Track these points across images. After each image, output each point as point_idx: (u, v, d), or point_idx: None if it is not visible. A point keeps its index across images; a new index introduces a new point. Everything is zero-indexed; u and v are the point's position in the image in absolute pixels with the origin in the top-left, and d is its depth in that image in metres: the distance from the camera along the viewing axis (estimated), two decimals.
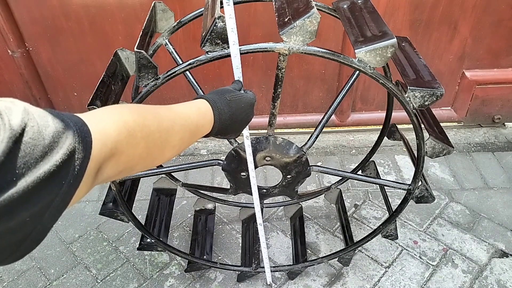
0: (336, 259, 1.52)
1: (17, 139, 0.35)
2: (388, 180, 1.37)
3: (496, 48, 2.05)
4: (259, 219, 1.33)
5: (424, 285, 1.53)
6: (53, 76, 2.03)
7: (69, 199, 0.41)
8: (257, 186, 1.30)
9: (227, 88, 0.86)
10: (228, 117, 0.79)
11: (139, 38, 1.03)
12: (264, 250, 1.41)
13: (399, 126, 1.47)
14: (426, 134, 1.10)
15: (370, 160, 1.68)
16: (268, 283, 1.54)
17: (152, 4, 1.22)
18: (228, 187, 1.35)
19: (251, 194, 1.30)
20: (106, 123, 0.51)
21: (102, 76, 1.04)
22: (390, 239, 1.44)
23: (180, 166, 1.34)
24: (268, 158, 1.23)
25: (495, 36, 2.00)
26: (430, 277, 1.56)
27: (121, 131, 0.52)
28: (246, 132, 1.09)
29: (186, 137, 0.69)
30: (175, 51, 1.27)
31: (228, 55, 0.94)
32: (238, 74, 0.97)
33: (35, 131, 0.37)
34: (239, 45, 0.94)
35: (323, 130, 1.24)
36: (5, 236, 0.36)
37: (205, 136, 0.78)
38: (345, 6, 1.14)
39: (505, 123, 2.33)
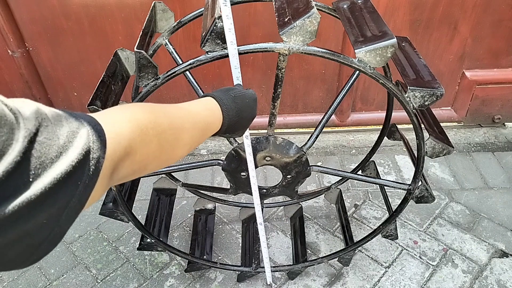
0: (336, 259, 1.52)
1: (32, 139, 0.35)
2: (388, 180, 1.37)
3: (496, 48, 2.05)
4: (259, 219, 1.33)
5: (424, 285, 1.53)
6: (53, 76, 2.03)
7: (85, 199, 0.41)
8: (257, 186, 1.30)
9: (228, 87, 0.87)
10: (235, 113, 0.79)
11: (139, 38, 1.03)
12: (265, 249, 1.41)
13: (399, 126, 1.47)
14: (426, 134, 1.10)
15: (370, 160, 1.68)
16: (268, 283, 1.54)
17: (152, 4, 1.22)
18: (228, 187, 1.35)
19: (251, 194, 1.30)
20: (119, 122, 0.50)
21: (102, 76, 1.04)
22: (390, 239, 1.44)
23: (180, 166, 1.35)
24: (268, 158, 1.23)
25: (495, 36, 2.00)
26: (430, 277, 1.56)
27: (134, 129, 0.51)
28: (246, 131, 1.09)
29: (196, 135, 0.69)
30: (175, 51, 1.27)
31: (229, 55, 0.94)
32: (236, 74, 0.97)
33: (50, 131, 0.37)
34: (239, 45, 0.94)
35: (323, 130, 1.24)
36: (23, 239, 0.35)
37: (214, 135, 0.78)
38: (345, 6, 1.14)
39: (505, 123, 2.33)
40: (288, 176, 1.28)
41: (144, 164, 0.55)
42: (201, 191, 1.75)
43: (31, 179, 0.34)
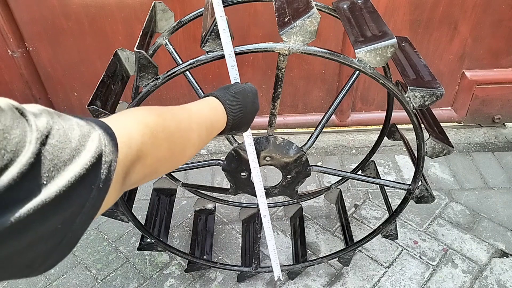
0: (336, 259, 1.52)
1: (44, 141, 0.34)
2: (388, 180, 1.37)
3: (496, 48, 2.05)
4: (263, 211, 1.28)
5: (424, 285, 1.53)
6: (53, 76, 2.03)
7: (99, 204, 0.40)
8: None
9: (227, 84, 0.87)
10: (238, 109, 0.79)
11: (139, 38, 1.03)
12: (271, 242, 1.36)
13: (399, 126, 1.47)
14: (426, 134, 1.10)
15: (370, 160, 1.68)
16: (276, 278, 1.50)
17: (152, 4, 1.22)
18: (228, 187, 1.35)
19: (251, 194, 1.30)
20: (129, 126, 0.50)
21: (102, 76, 1.04)
22: (390, 239, 1.44)
23: (180, 166, 1.34)
24: (268, 158, 1.23)
25: (495, 36, 2.00)
26: (430, 277, 1.56)
27: (144, 133, 0.52)
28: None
29: (203, 135, 0.69)
30: (175, 51, 1.27)
31: None
32: (233, 74, 0.97)
33: (61, 134, 0.37)
34: (239, 45, 0.94)
35: (323, 130, 1.24)
36: (37, 244, 0.35)
37: (220, 133, 0.78)
38: (345, 6, 1.14)
39: (505, 123, 2.33)
40: (288, 176, 1.28)
41: (155, 168, 0.56)
42: (201, 191, 1.75)
43: (45, 182, 0.34)
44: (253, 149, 1.14)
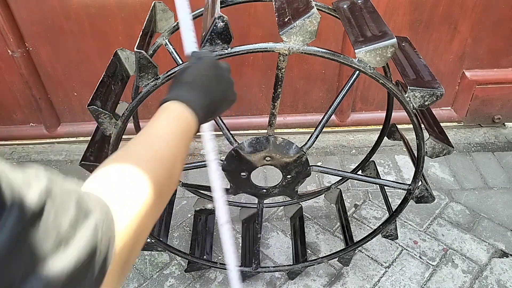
0: (336, 259, 1.52)
1: (27, 224, 0.28)
2: (388, 180, 1.37)
3: (496, 48, 2.05)
4: (222, 218, 1.11)
5: (424, 285, 1.53)
6: (53, 76, 2.03)
7: None
8: (257, 186, 1.30)
9: (177, 74, 0.74)
10: (202, 98, 0.67)
11: (139, 38, 1.03)
12: (230, 252, 1.17)
13: (399, 126, 1.47)
14: (426, 134, 1.10)
15: (370, 160, 1.68)
16: None
17: (152, 4, 1.23)
18: (228, 187, 1.35)
19: (251, 194, 1.30)
20: (129, 205, 0.43)
21: (102, 76, 1.04)
22: (390, 239, 1.44)
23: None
24: (268, 158, 1.23)
25: (495, 36, 2.00)
26: (430, 277, 1.56)
27: (148, 207, 0.45)
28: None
29: (183, 151, 0.61)
30: (175, 51, 1.27)
31: (229, 55, 0.94)
32: (190, 38, 0.81)
33: (52, 217, 0.30)
34: (239, 45, 0.94)
35: (323, 130, 1.24)
36: None
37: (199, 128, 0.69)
38: (345, 6, 1.14)
39: (505, 123, 2.33)
40: (288, 176, 1.28)
41: (155, 220, 0.50)
42: (201, 191, 1.75)
43: (19, 278, 0.27)
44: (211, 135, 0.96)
